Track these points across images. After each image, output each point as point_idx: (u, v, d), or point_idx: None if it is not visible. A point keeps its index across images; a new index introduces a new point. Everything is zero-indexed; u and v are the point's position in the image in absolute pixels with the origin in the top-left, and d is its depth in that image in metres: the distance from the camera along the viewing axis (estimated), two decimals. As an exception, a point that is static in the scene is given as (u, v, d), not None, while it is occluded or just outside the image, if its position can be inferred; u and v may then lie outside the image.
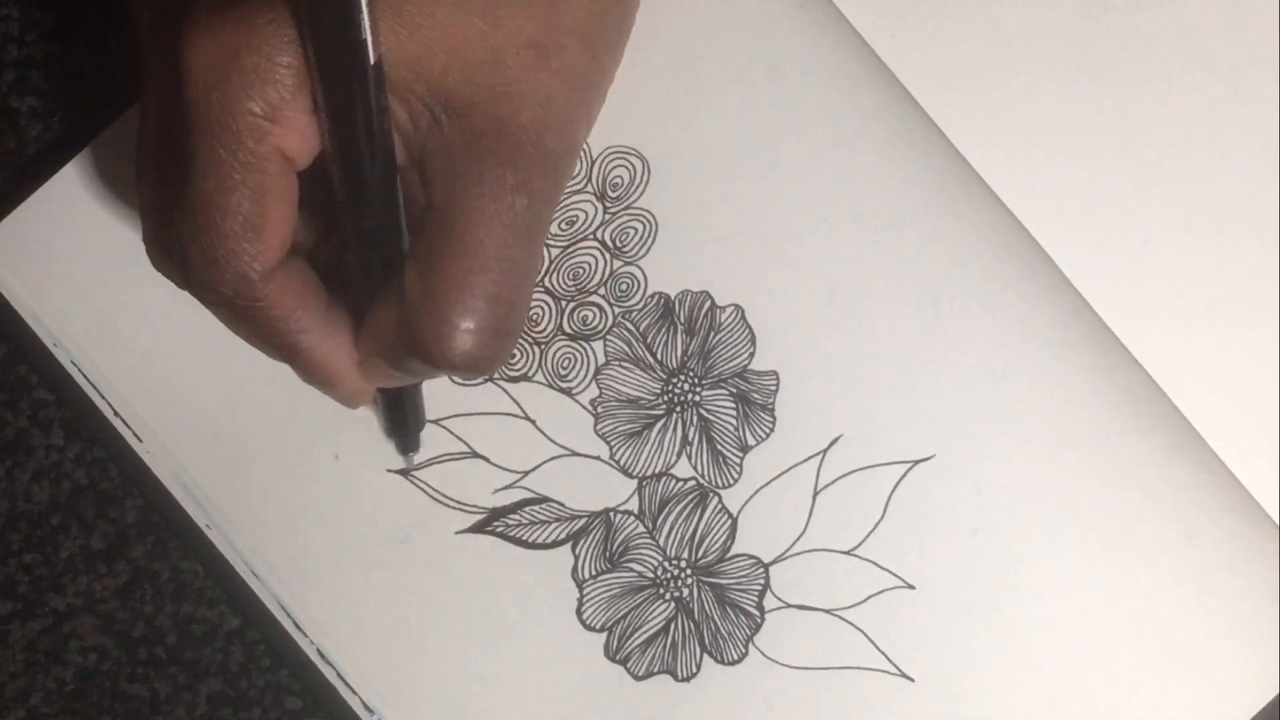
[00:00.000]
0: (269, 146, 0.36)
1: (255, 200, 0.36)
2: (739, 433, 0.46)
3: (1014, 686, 0.46)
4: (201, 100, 0.36)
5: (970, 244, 0.46)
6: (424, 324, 0.37)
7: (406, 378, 0.41)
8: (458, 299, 0.37)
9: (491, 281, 0.37)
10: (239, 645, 0.48)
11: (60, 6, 0.49)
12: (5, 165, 0.49)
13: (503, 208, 0.37)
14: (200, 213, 0.36)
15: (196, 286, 0.38)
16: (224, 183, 0.36)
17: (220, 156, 0.36)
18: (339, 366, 0.40)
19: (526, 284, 0.39)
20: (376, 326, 0.39)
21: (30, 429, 0.48)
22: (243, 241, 0.37)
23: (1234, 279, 0.47)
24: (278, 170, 0.36)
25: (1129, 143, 0.47)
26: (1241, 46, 0.47)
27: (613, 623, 0.46)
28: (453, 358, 0.38)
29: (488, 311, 0.37)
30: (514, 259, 0.38)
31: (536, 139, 0.37)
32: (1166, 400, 0.46)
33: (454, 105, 0.37)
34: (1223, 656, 0.46)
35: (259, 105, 0.36)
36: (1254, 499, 0.46)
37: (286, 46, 0.35)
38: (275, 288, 0.38)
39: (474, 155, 0.37)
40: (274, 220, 0.37)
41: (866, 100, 0.46)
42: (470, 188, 0.37)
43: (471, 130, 0.37)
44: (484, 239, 0.37)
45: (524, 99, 0.37)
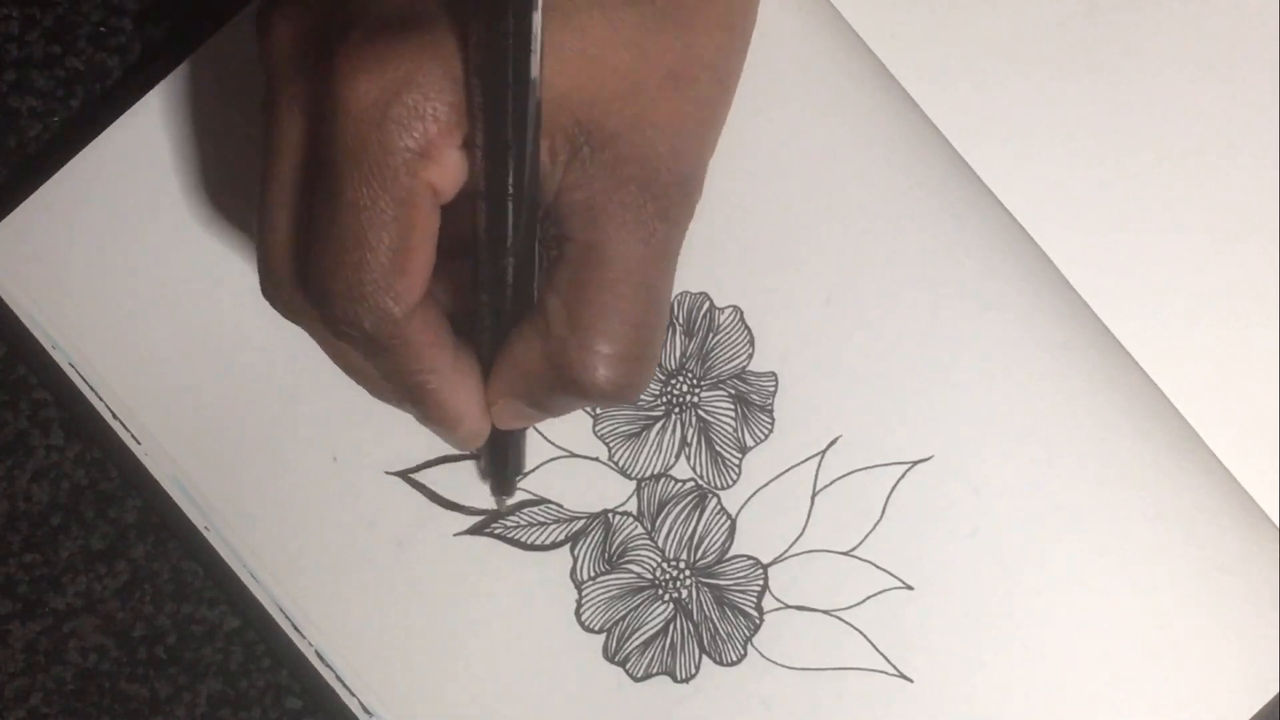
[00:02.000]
0: (421, 182, 0.36)
1: (404, 236, 0.36)
2: (738, 434, 0.46)
3: (1013, 687, 0.46)
4: (359, 136, 0.35)
5: (968, 245, 0.46)
6: (573, 354, 0.38)
7: (544, 415, 0.41)
8: (606, 327, 0.37)
9: (637, 308, 0.38)
10: (239, 645, 0.48)
11: (60, 6, 0.49)
12: (4, 165, 0.49)
13: (645, 235, 0.37)
14: (349, 248, 0.36)
15: (337, 323, 0.37)
16: (376, 218, 0.36)
17: (374, 191, 0.36)
18: (466, 408, 0.40)
19: (665, 309, 0.39)
20: (515, 364, 0.39)
21: (30, 429, 0.48)
22: (391, 277, 0.36)
23: (1233, 279, 0.47)
24: (427, 206, 0.36)
25: (1128, 143, 0.47)
26: (1241, 46, 0.47)
27: (611, 624, 0.46)
28: (602, 386, 0.38)
29: (635, 338, 0.38)
30: (654, 285, 0.38)
31: (672, 167, 0.38)
32: (1165, 401, 0.46)
33: (597, 138, 0.37)
34: (1221, 656, 0.46)
35: (415, 142, 0.35)
36: (1253, 499, 0.46)
37: (448, 84, 0.35)
38: (415, 326, 0.38)
39: (616, 185, 0.37)
40: (420, 256, 0.37)
41: (865, 101, 0.46)
42: (614, 217, 0.37)
43: (612, 161, 0.37)
44: (629, 267, 0.37)
45: (662, 129, 0.38)
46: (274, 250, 0.39)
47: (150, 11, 0.49)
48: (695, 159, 0.39)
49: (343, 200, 0.36)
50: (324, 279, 0.37)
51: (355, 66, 0.35)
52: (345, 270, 0.36)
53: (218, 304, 0.46)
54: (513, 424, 0.42)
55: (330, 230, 0.36)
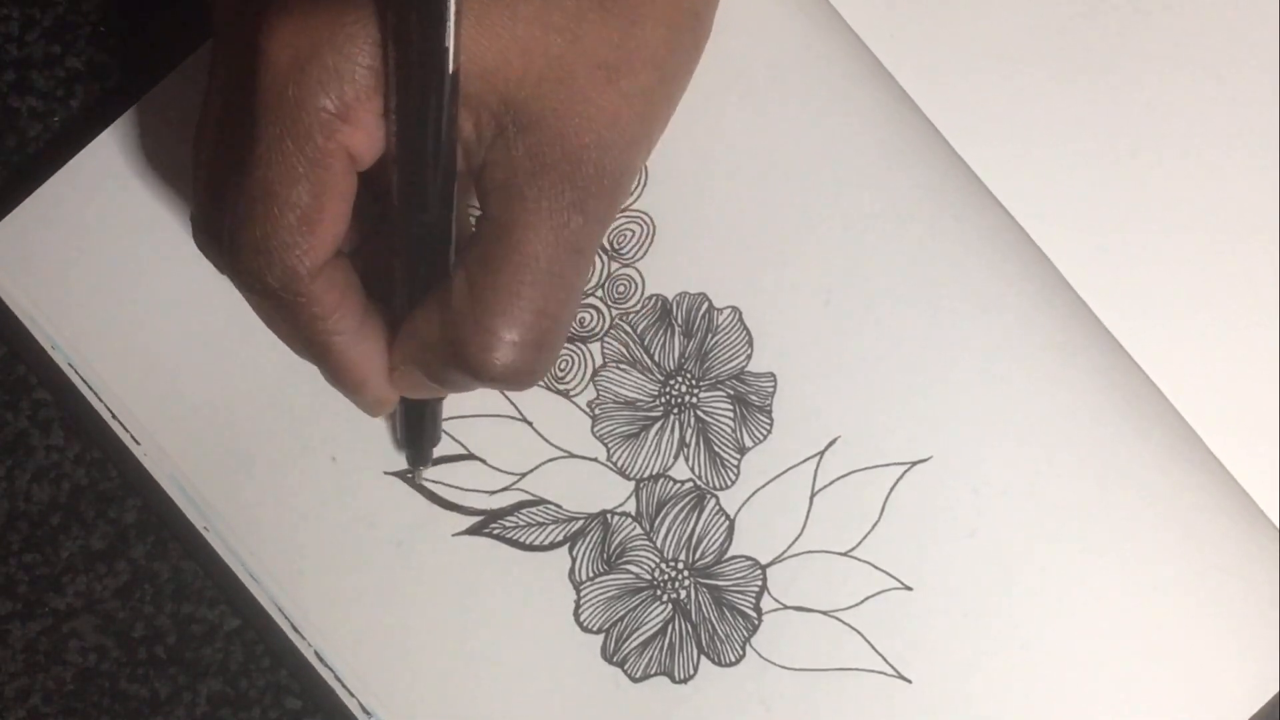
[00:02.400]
0: (336, 144, 0.36)
1: (315, 195, 0.36)
2: (736, 434, 0.46)
3: (1012, 688, 0.46)
4: (276, 91, 0.36)
5: (968, 245, 0.46)
6: (469, 333, 0.38)
7: (440, 389, 0.41)
8: (505, 309, 0.37)
9: (540, 295, 0.38)
10: (239, 645, 0.48)
11: (60, 6, 0.49)
12: (4, 165, 0.49)
13: (559, 224, 0.37)
14: (258, 201, 0.36)
15: (242, 273, 0.38)
16: (287, 174, 0.36)
17: (287, 148, 0.36)
18: (369, 372, 0.41)
19: (572, 302, 0.39)
20: (416, 334, 0.39)
21: (30, 429, 0.48)
22: (297, 235, 0.37)
23: (1233, 280, 0.47)
24: (341, 168, 0.37)
25: (1127, 143, 0.47)
26: (1241, 46, 0.47)
27: (610, 624, 0.46)
28: (494, 369, 0.38)
29: (533, 324, 0.38)
30: (563, 275, 0.38)
31: (598, 159, 0.38)
32: (1164, 401, 0.46)
33: (521, 119, 0.37)
34: (1221, 656, 0.46)
35: (333, 103, 0.36)
36: (1252, 500, 0.46)
37: (368, 48, 0.36)
38: (320, 285, 0.38)
39: (535, 170, 0.37)
40: (330, 217, 0.37)
41: (864, 101, 0.46)
42: (528, 201, 0.37)
43: (535, 145, 0.37)
44: (537, 253, 0.37)
45: (590, 119, 0.38)
46: (200, 199, 0.40)
47: (150, 11, 0.49)
48: (622, 155, 0.39)
49: (256, 155, 0.36)
50: (233, 231, 0.37)
51: (280, 24, 0.36)
52: (253, 224, 0.37)
53: (217, 304, 0.46)
54: (412, 393, 0.42)
55: (242, 184, 0.37)
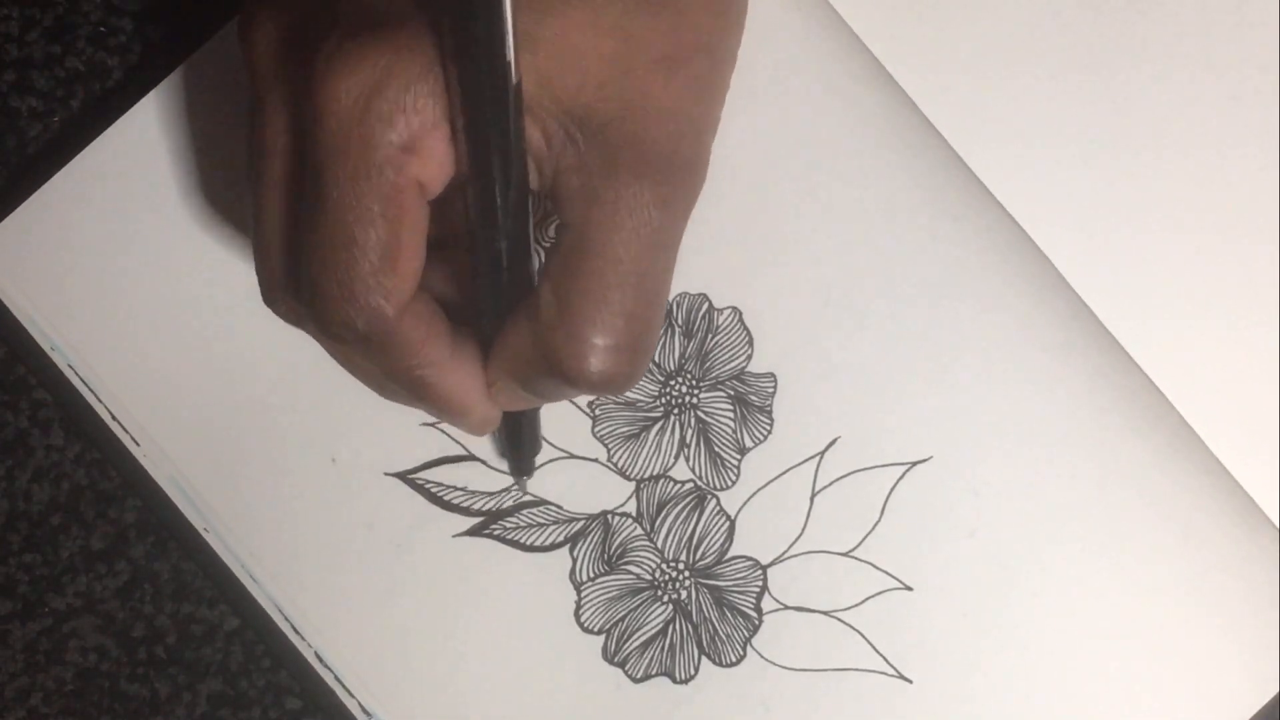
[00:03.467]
0: (408, 178, 0.36)
1: (393, 233, 0.36)
2: (737, 434, 0.46)
3: (1012, 688, 0.46)
4: (342, 135, 0.35)
5: (967, 245, 0.46)
6: (561, 342, 0.37)
7: (539, 400, 0.41)
8: (596, 316, 0.37)
9: (629, 298, 0.37)
10: (239, 645, 0.48)
11: (60, 6, 0.49)
12: (4, 165, 0.49)
13: (640, 223, 0.37)
14: (337, 248, 0.36)
15: (329, 324, 0.37)
16: (363, 216, 0.35)
17: (360, 190, 0.35)
18: (469, 397, 0.40)
19: (661, 300, 0.38)
20: (509, 349, 0.39)
21: (30, 429, 0.48)
22: (380, 276, 0.36)
23: (1233, 280, 0.47)
24: (414, 203, 0.36)
25: (1127, 143, 0.47)
26: (1241, 46, 0.47)
27: (611, 625, 0.46)
28: (590, 376, 0.37)
29: (625, 329, 0.37)
30: (650, 274, 0.37)
31: (670, 153, 0.37)
32: (1164, 401, 0.46)
33: (588, 123, 0.37)
34: (1221, 656, 0.46)
35: (400, 137, 0.35)
36: (1252, 500, 0.46)
37: (427, 74, 0.35)
38: (407, 323, 0.37)
39: (610, 172, 0.37)
40: (409, 253, 0.36)
41: (863, 101, 0.46)
42: (607, 204, 0.37)
43: (606, 147, 0.37)
44: (622, 255, 0.37)
45: (655, 114, 0.37)
46: (269, 256, 0.39)
47: (150, 11, 0.49)
48: (692, 143, 0.39)
49: (329, 201, 0.36)
50: (314, 282, 0.37)
51: (335, 66, 0.35)
52: (335, 272, 0.36)
53: (217, 305, 0.46)
54: (513, 406, 0.42)
55: (318, 232, 0.36)
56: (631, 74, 0.37)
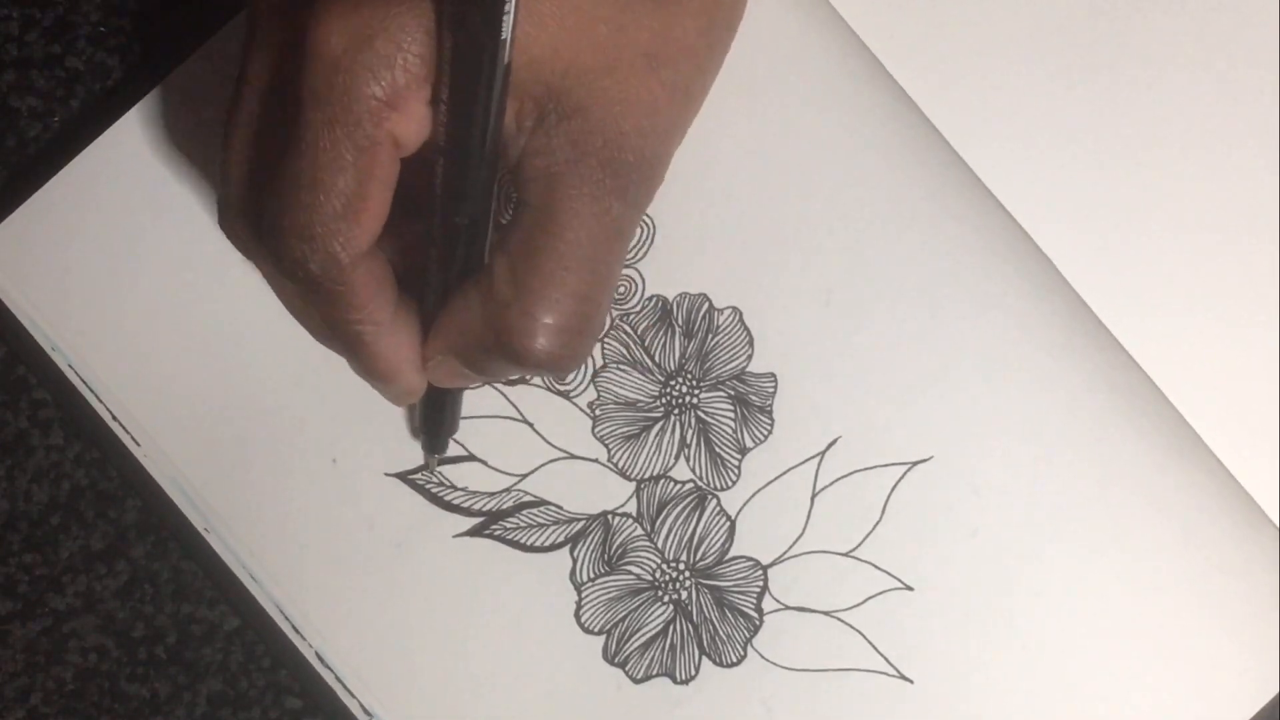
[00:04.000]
0: (384, 131, 0.36)
1: (361, 183, 0.36)
2: (737, 435, 0.46)
3: (1013, 687, 0.46)
4: (326, 78, 0.36)
5: (968, 245, 0.46)
6: (514, 319, 0.38)
7: (476, 377, 0.41)
8: (550, 295, 0.38)
9: (582, 281, 0.38)
10: (239, 645, 0.48)
11: (60, 6, 0.49)
12: (4, 165, 0.49)
13: (600, 210, 0.38)
14: (304, 189, 0.36)
15: (284, 260, 0.38)
16: (335, 161, 0.36)
17: (335, 135, 0.36)
18: (398, 363, 0.41)
19: (610, 287, 0.39)
20: (455, 323, 0.40)
21: (30, 429, 0.48)
22: (341, 222, 0.37)
23: (1233, 279, 0.47)
24: (387, 156, 0.37)
25: (1127, 143, 0.47)
26: (1241, 46, 0.47)
27: (611, 625, 0.46)
28: (538, 354, 0.38)
29: (575, 310, 0.38)
30: (604, 261, 0.38)
31: (638, 146, 0.38)
32: (1165, 401, 0.46)
33: (563, 107, 0.37)
34: (1221, 656, 0.46)
35: (383, 90, 0.36)
36: (1252, 499, 0.46)
37: (419, 36, 0.36)
38: (359, 274, 0.38)
39: (577, 157, 0.37)
40: (374, 205, 0.37)
41: (863, 101, 0.46)
42: (570, 188, 0.37)
43: (577, 133, 0.37)
44: (580, 239, 0.38)
45: (631, 107, 0.38)
46: (233, 182, 0.40)
47: (150, 11, 0.49)
48: (661, 142, 0.39)
49: (304, 141, 0.36)
50: (276, 216, 0.37)
51: (331, 10, 0.36)
52: (298, 210, 0.37)
53: (217, 306, 0.46)
54: (448, 382, 0.42)
55: (288, 170, 0.37)
56: (617, 64, 0.38)
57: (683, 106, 0.40)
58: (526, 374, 0.41)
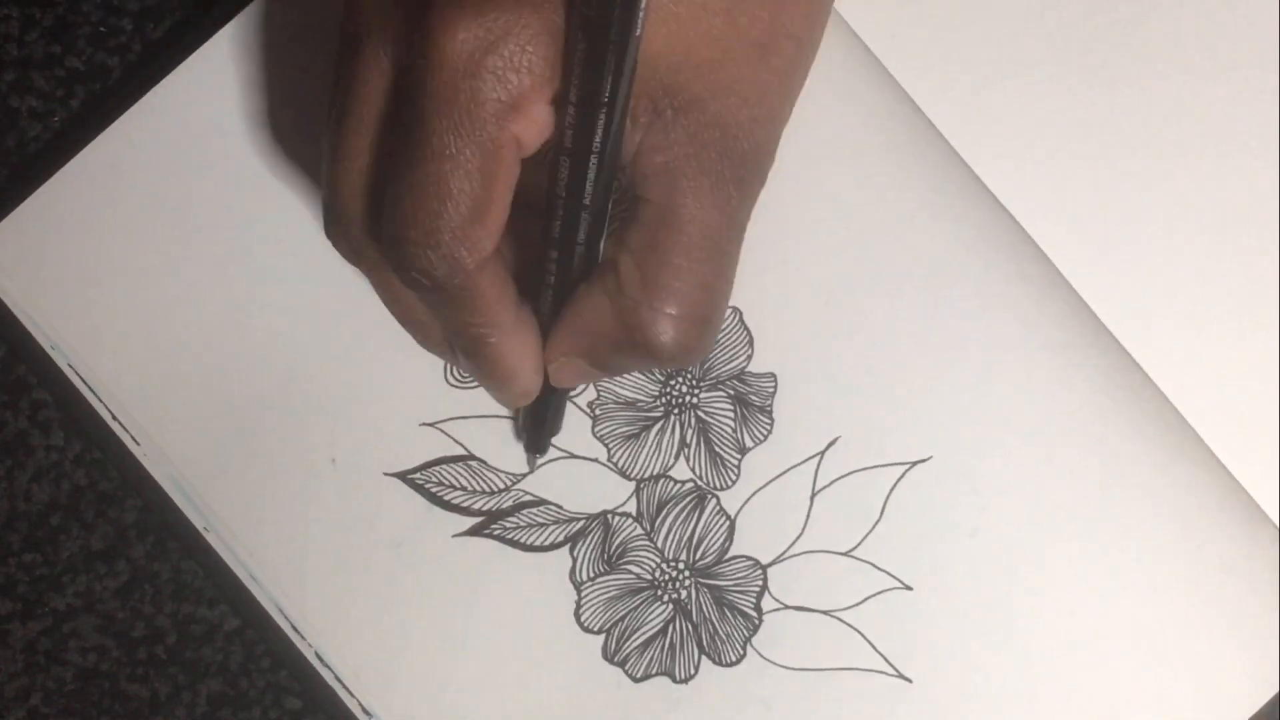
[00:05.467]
0: (508, 135, 0.36)
1: (486, 186, 0.36)
2: (737, 434, 0.46)
3: (1012, 687, 0.46)
4: (451, 85, 0.36)
5: (968, 245, 0.46)
6: (645, 315, 0.38)
7: (602, 373, 0.41)
8: (679, 288, 0.38)
9: (707, 271, 0.38)
10: (239, 645, 0.48)
11: (60, 6, 0.49)
12: (4, 165, 0.49)
13: (721, 200, 0.38)
14: (429, 194, 0.36)
15: (409, 267, 0.37)
16: (460, 166, 0.36)
17: (461, 142, 0.36)
18: (521, 365, 0.41)
19: (731, 275, 0.39)
20: (580, 321, 0.40)
21: (30, 429, 0.48)
22: (468, 227, 0.37)
23: (1233, 279, 0.47)
24: (510, 159, 0.37)
25: (1127, 143, 0.47)
26: (1241, 46, 0.47)
27: (611, 624, 0.46)
28: (671, 348, 0.38)
29: (701, 300, 0.38)
30: (725, 249, 0.39)
31: (751, 135, 0.38)
32: (1165, 401, 0.46)
33: (679, 101, 0.37)
34: (1222, 656, 0.46)
35: (507, 94, 0.36)
36: (1252, 499, 0.46)
37: (546, 39, 0.36)
38: (484, 279, 0.38)
39: (695, 150, 0.37)
40: (498, 209, 0.37)
41: (864, 101, 0.46)
42: (692, 182, 0.37)
43: (694, 126, 0.37)
44: (704, 231, 0.38)
45: (744, 97, 0.38)
46: (346, 192, 0.39)
47: (150, 11, 0.49)
48: (772, 128, 0.39)
49: (428, 148, 0.36)
50: (400, 224, 0.37)
51: (454, 15, 0.36)
52: (423, 217, 0.36)
53: (217, 306, 0.46)
54: (570, 382, 0.42)
55: (411, 176, 0.36)
56: (729, 55, 0.38)
57: (790, 91, 0.40)
58: (655, 366, 0.41)
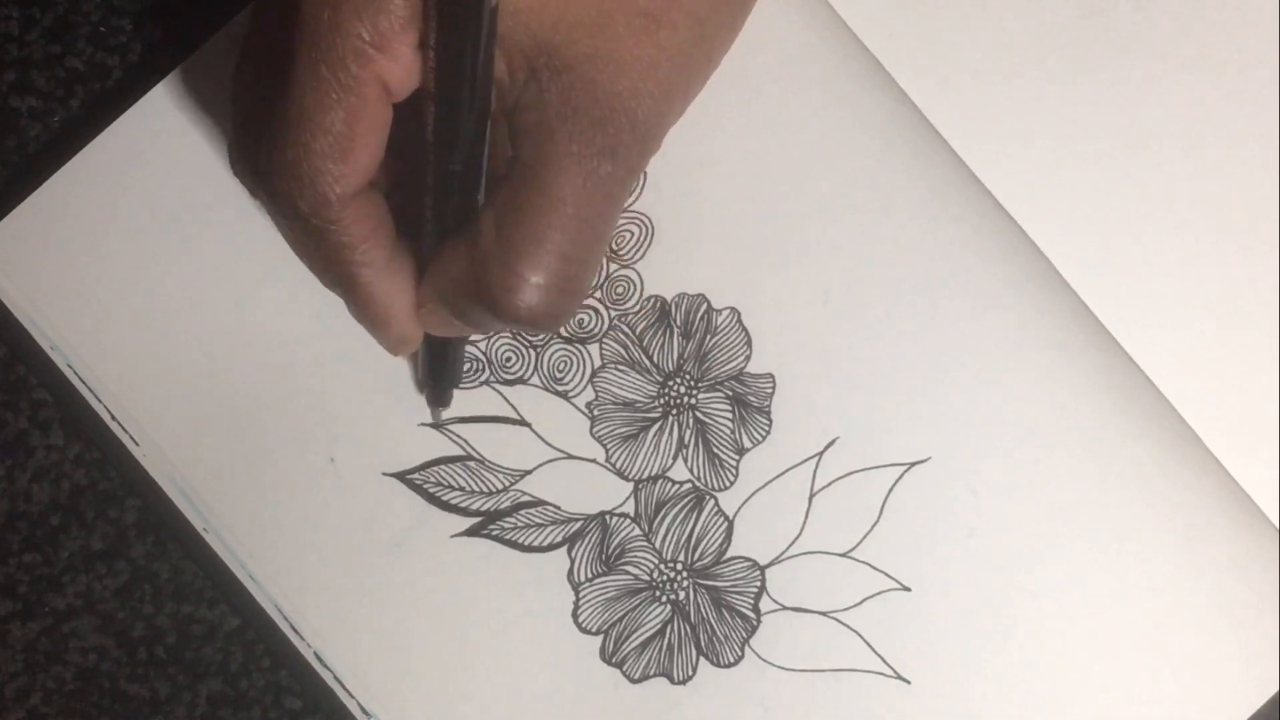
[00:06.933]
0: (370, 73, 0.37)
1: (348, 122, 0.37)
2: (735, 435, 0.46)
3: (1011, 688, 0.46)
4: (313, 17, 0.36)
5: (967, 245, 0.46)
6: (495, 273, 0.38)
7: (465, 328, 0.41)
8: (532, 252, 0.38)
9: (567, 240, 0.38)
10: (239, 645, 0.48)
11: (60, 6, 0.49)
12: (4, 165, 0.49)
13: (589, 169, 0.38)
14: (292, 126, 0.37)
15: (275, 196, 0.38)
16: (321, 100, 0.37)
17: (321, 74, 0.37)
18: (395, 307, 0.41)
19: (598, 248, 0.39)
20: (444, 272, 0.40)
21: (30, 429, 0.48)
22: (329, 160, 0.37)
23: (1232, 280, 0.47)
24: (375, 98, 0.37)
25: (1126, 143, 0.47)
26: (1241, 46, 0.47)
27: (609, 625, 0.46)
28: (517, 309, 0.38)
29: (558, 269, 0.38)
30: (590, 221, 0.38)
31: (630, 107, 0.38)
32: (1164, 401, 0.46)
33: (556, 62, 0.37)
34: (1221, 656, 0.46)
35: (368, 31, 0.36)
36: (1251, 500, 0.46)
37: None
38: (350, 214, 0.38)
39: (567, 114, 0.37)
40: (362, 145, 0.38)
41: (863, 101, 0.46)
42: (559, 144, 0.37)
43: (568, 89, 0.37)
44: (565, 196, 0.38)
45: (625, 66, 0.38)
46: (237, 124, 0.41)
47: (150, 11, 0.49)
48: (656, 105, 0.39)
49: (292, 81, 0.37)
50: (268, 156, 0.38)
51: None
52: (287, 148, 0.37)
53: (216, 306, 0.46)
54: (440, 331, 0.42)
55: (278, 108, 0.37)
56: (611, 21, 0.38)
57: (682, 72, 0.40)
58: (509, 329, 0.41)
